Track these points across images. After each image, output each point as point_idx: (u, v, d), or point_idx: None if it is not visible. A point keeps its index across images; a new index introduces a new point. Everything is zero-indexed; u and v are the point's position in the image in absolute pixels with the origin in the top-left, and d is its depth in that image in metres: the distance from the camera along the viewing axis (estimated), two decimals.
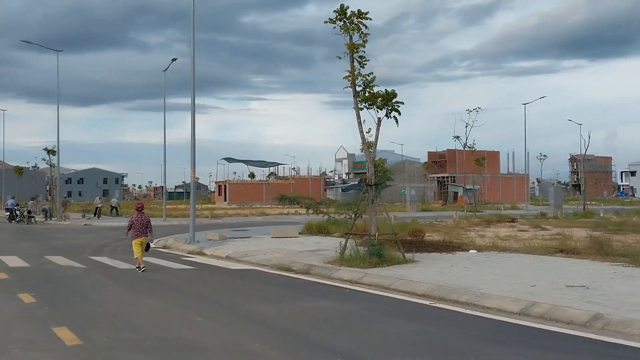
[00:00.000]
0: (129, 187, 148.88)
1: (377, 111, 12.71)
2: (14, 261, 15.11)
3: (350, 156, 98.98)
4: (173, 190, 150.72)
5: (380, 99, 12.40)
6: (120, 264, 14.44)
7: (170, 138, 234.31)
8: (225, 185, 78.92)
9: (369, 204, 12.60)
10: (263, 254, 15.48)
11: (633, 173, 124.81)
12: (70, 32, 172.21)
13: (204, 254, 16.83)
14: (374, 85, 12.72)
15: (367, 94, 12.68)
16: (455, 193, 75.60)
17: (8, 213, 36.64)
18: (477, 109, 34.50)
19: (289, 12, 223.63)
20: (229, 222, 34.48)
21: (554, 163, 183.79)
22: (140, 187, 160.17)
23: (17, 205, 37.44)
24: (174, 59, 34.68)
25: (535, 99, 61.51)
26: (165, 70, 36.02)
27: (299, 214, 42.67)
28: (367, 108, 12.77)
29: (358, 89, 12.88)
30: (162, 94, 36.71)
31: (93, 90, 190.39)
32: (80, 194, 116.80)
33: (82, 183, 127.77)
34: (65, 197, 38.47)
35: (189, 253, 17.39)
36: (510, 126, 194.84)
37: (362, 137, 12.90)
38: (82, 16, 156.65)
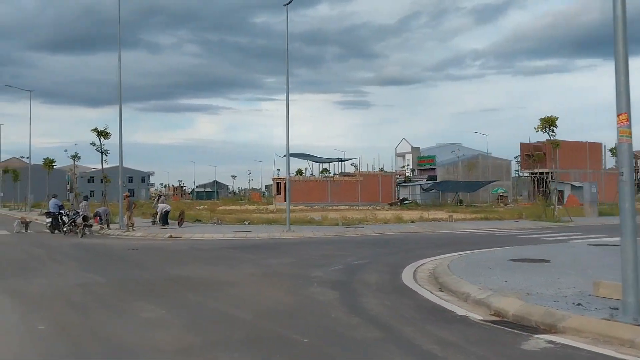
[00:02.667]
0: (149, 187, 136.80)
1: None
2: None
3: (415, 150, 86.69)
4: (202, 190, 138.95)
5: None
6: None
7: (184, 139, 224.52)
8: (285, 183, 66.73)
9: None
10: None
11: None
12: (81, 33, 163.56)
13: None
14: None
15: None
16: (561, 192, 62.85)
17: (50, 219, 24.55)
18: None
19: (299, 12, 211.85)
20: (385, 235, 22.37)
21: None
22: (166, 186, 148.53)
23: (63, 208, 25.33)
24: None
25: None
26: (288, 4, 23.89)
27: (413, 221, 29.38)
28: None
29: None
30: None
31: (104, 91, 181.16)
32: (103, 194, 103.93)
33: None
34: (129, 195, 25.89)
35: (556, 332, 5.03)
36: (525, 125, 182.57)
37: None
38: (93, 17, 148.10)
